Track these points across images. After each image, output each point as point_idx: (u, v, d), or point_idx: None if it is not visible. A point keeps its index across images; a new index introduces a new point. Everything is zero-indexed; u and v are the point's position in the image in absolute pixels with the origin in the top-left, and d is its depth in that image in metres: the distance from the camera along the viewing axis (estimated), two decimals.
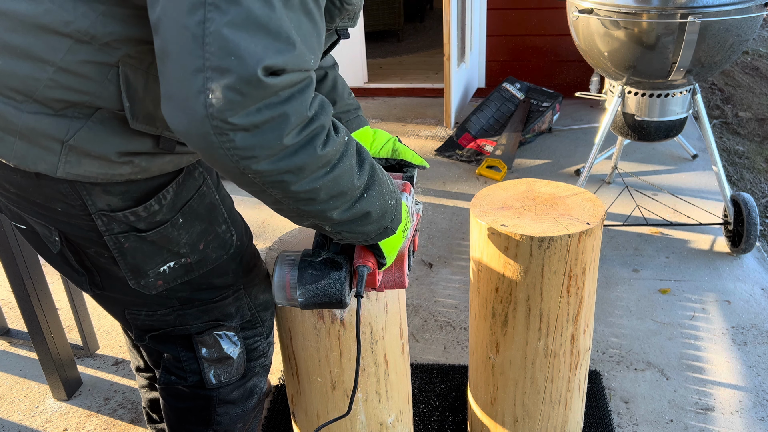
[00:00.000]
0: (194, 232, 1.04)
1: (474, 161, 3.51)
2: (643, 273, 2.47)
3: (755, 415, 1.82)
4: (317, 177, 0.82)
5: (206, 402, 1.23)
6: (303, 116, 0.77)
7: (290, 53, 0.73)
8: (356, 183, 0.88)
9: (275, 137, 0.75)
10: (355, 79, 4.70)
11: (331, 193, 0.85)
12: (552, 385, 1.46)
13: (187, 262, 1.06)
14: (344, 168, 0.85)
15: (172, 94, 0.74)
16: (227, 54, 0.70)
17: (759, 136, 3.94)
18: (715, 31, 2.09)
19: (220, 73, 0.70)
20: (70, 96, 0.87)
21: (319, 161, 0.81)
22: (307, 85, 0.77)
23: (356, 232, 0.94)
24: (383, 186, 0.94)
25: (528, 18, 4.24)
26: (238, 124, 0.72)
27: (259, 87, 0.71)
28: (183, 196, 1.02)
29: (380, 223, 0.95)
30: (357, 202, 0.90)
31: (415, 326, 2.25)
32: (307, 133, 0.78)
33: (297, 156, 0.78)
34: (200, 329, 1.15)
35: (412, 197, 1.12)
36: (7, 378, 2.10)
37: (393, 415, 1.31)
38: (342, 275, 1.00)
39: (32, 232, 1.08)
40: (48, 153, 0.90)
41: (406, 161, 1.25)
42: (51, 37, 0.83)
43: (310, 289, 1.00)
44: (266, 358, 1.27)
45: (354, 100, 1.33)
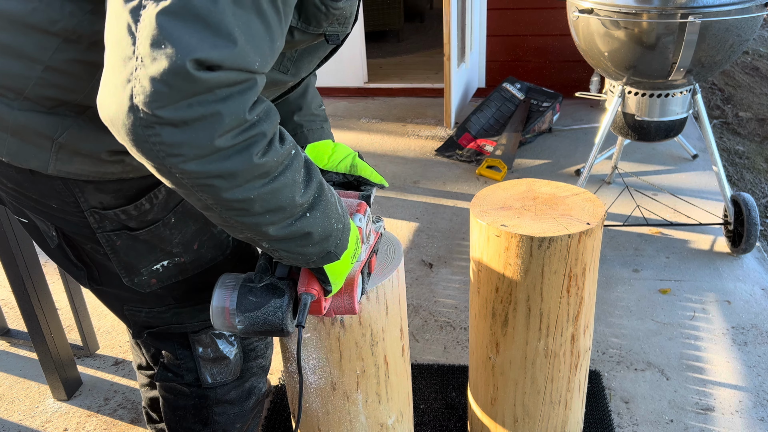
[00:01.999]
0: (188, 232, 1.04)
1: (474, 161, 3.51)
2: (643, 273, 2.47)
3: (755, 415, 1.82)
4: (253, 187, 0.76)
5: (203, 401, 1.23)
6: (240, 119, 0.71)
7: (228, 50, 0.68)
8: (298, 200, 0.83)
9: (206, 137, 0.70)
10: (355, 79, 4.70)
11: (267, 207, 0.79)
12: (552, 385, 1.46)
13: (181, 261, 1.05)
14: (285, 182, 0.80)
15: (104, 82, 0.71)
16: (157, 42, 0.66)
17: (759, 136, 3.94)
18: (715, 31, 2.09)
19: (150, 61, 0.66)
20: (60, 94, 0.87)
21: (256, 171, 0.75)
22: (249, 87, 0.72)
23: (295, 253, 0.88)
24: (330, 207, 0.89)
25: (528, 18, 4.24)
26: (164, 117, 0.68)
27: (187, 80, 0.67)
28: (176, 195, 1.01)
29: (322, 246, 0.90)
30: (298, 221, 0.84)
31: (415, 326, 2.25)
32: (245, 139, 0.73)
33: (230, 161, 0.73)
34: (196, 328, 1.15)
35: (368, 217, 1.06)
36: (7, 378, 2.10)
37: (393, 416, 1.31)
38: (284, 303, 0.94)
39: (34, 226, 1.09)
40: (39, 150, 0.90)
41: (364, 178, 1.19)
42: (39, 35, 0.84)
43: (250, 317, 0.94)
44: (264, 359, 1.26)
45: (323, 112, 1.29)
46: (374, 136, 3.96)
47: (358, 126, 4.10)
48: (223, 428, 1.27)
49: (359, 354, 1.18)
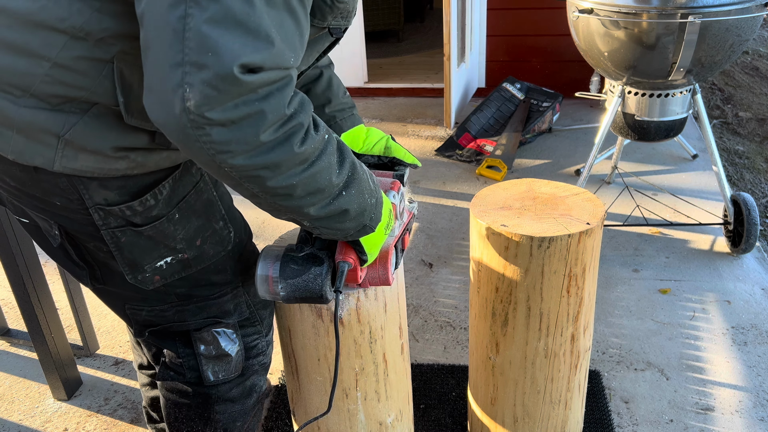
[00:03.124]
0: (191, 228, 1.05)
1: (474, 161, 3.51)
2: (643, 273, 2.47)
3: (755, 415, 1.82)
4: (294, 174, 0.82)
5: (205, 399, 1.24)
6: (281, 114, 0.77)
7: (268, 51, 0.74)
8: (335, 181, 0.89)
9: (252, 133, 0.76)
10: (355, 79, 4.70)
11: (308, 190, 0.86)
12: (552, 385, 1.46)
13: (184, 257, 1.06)
14: (322, 165, 0.86)
15: (152, 87, 0.75)
16: (205, 50, 0.71)
17: (759, 136, 3.94)
18: (715, 31, 2.09)
19: (198, 68, 0.71)
20: (67, 91, 0.88)
21: (297, 159, 0.81)
22: (286, 83, 0.78)
23: (334, 229, 0.95)
24: (363, 184, 0.95)
25: (528, 18, 4.24)
26: (214, 119, 0.73)
27: (235, 84, 0.72)
28: (179, 191, 1.02)
29: (359, 220, 0.96)
30: (335, 200, 0.90)
31: (415, 326, 2.25)
32: (285, 131, 0.79)
33: (274, 152, 0.79)
34: (199, 326, 1.15)
35: (401, 195, 1.13)
36: (7, 378, 2.10)
37: (393, 414, 1.31)
38: (323, 270, 1.01)
39: (35, 226, 1.09)
40: (45, 147, 0.90)
41: (398, 159, 1.26)
42: (47, 33, 0.84)
43: (291, 284, 1.02)
44: (265, 357, 1.27)
45: (349, 98, 1.34)
46: None
47: None
48: (224, 427, 1.27)
49: (358, 351, 1.18)
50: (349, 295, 1.12)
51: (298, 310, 1.16)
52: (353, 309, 1.13)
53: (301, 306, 1.14)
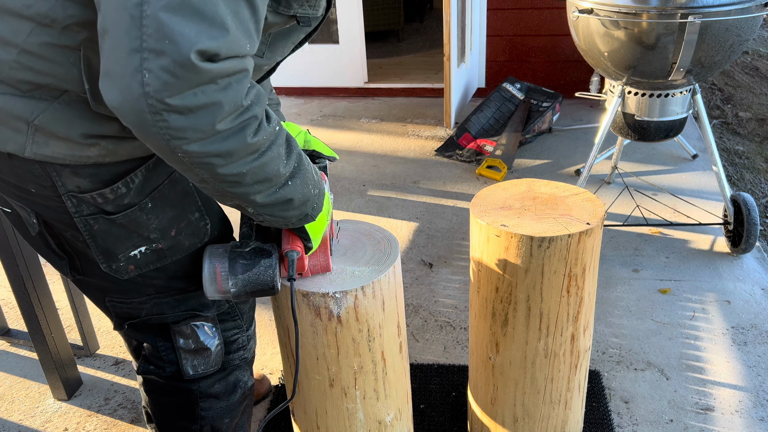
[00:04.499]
0: (165, 218, 1.05)
1: (474, 161, 3.51)
2: (643, 273, 2.47)
3: (755, 415, 1.82)
4: (245, 162, 0.85)
5: (187, 395, 1.24)
6: (238, 105, 0.80)
7: (223, 38, 0.75)
8: (282, 170, 0.91)
9: (208, 122, 0.78)
10: (355, 79, 4.70)
11: (256, 179, 0.88)
12: (552, 385, 1.46)
13: (158, 247, 1.06)
14: (272, 156, 0.88)
15: (109, 71, 0.76)
16: (162, 37, 0.72)
17: (759, 136, 3.94)
18: (715, 31, 2.09)
19: (156, 54, 0.73)
20: (36, 78, 0.89)
21: (249, 148, 0.84)
22: (244, 75, 0.80)
23: (278, 216, 0.98)
24: (308, 175, 0.98)
25: (528, 18, 4.24)
26: (173, 105, 0.75)
27: (192, 70, 0.74)
28: (153, 180, 1.02)
29: (302, 209, 0.99)
30: (281, 189, 0.93)
31: (415, 326, 2.25)
32: (241, 121, 0.81)
33: (228, 141, 0.81)
34: (177, 319, 1.15)
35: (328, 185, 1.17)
36: (8, 378, 2.10)
37: (392, 413, 1.31)
38: (273, 261, 1.04)
39: (17, 216, 1.09)
40: (16, 133, 0.92)
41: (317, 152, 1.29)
42: (14, 19, 0.85)
43: (243, 278, 1.03)
44: (246, 351, 1.27)
45: (275, 96, 1.39)
46: (374, 136, 3.96)
47: (358, 126, 4.10)
48: (211, 423, 1.27)
49: (356, 350, 1.18)
50: (347, 294, 1.12)
51: (296, 309, 1.16)
52: (351, 307, 1.13)
53: (299, 305, 1.14)
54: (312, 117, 4.32)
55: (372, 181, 3.36)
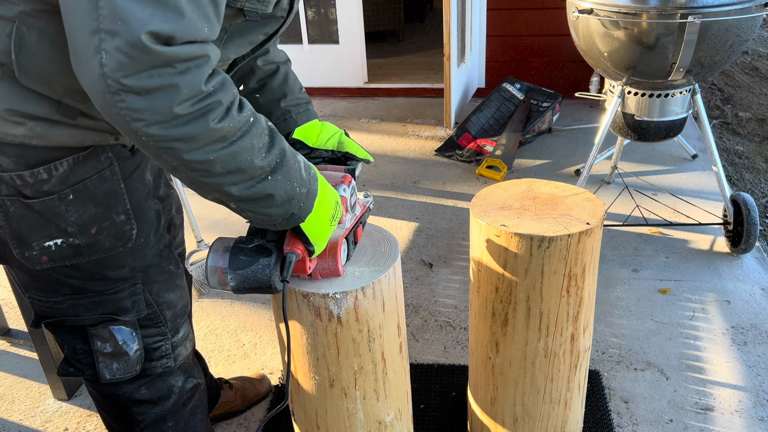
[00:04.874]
0: (86, 213, 1.04)
1: (474, 161, 3.52)
2: (643, 273, 2.47)
3: (755, 415, 1.82)
4: (212, 150, 0.85)
5: (115, 399, 1.23)
6: (197, 90, 0.80)
7: (177, 22, 0.76)
8: (258, 163, 0.90)
9: (165, 105, 0.78)
10: (355, 80, 4.70)
11: (227, 168, 0.87)
12: (552, 384, 1.46)
13: (75, 243, 1.05)
14: (243, 146, 0.88)
15: (76, 51, 0.78)
16: (116, 18, 0.74)
17: (759, 136, 3.94)
18: (715, 31, 2.09)
19: (111, 35, 0.74)
20: None
21: (213, 134, 0.83)
22: (205, 61, 0.81)
23: (261, 213, 0.96)
24: (292, 173, 0.96)
25: (528, 18, 4.24)
26: (129, 85, 0.76)
27: (145, 52, 0.75)
28: (79, 173, 1.01)
29: (285, 208, 0.97)
30: (260, 182, 0.92)
31: (415, 326, 2.25)
32: (202, 107, 0.81)
33: (189, 126, 0.81)
34: (94, 321, 1.13)
35: (352, 188, 1.16)
36: (8, 378, 2.10)
37: (392, 413, 1.31)
38: (271, 261, 1.04)
39: None
40: None
41: (350, 154, 1.28)
42: None
43: (240, 274, 1.04)
44: (169, 359, 1.23)
45: (305, 95, 1.36)
46: (374, 136, 3.96)
47: (358, 126, 4.10)
48: (152, 428, 1.26)
49: (356, 350, 1.18)
50: (347, 294, 1.12)
51: (296, 309, 1.16)
52: (351, 308, 1.13)
53: (299, 305, 1.14)
54: None
55: (372, 181, 3.36)
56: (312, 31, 4.67)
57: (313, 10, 4.64)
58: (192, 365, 1.32)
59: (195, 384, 1.32)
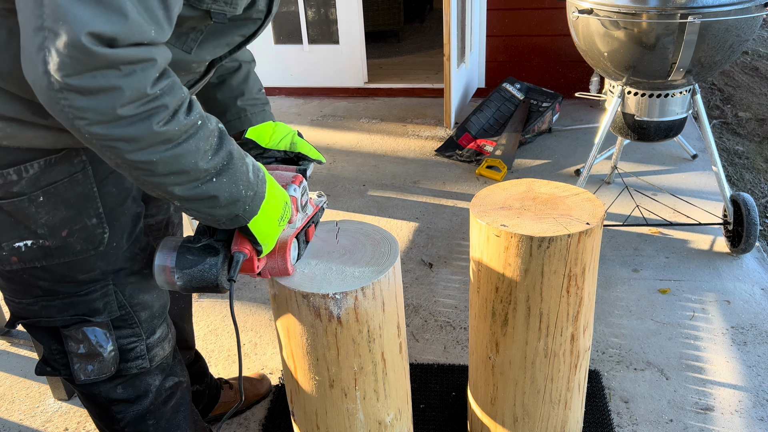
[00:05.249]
0: (57, 216, 1.03)
1: (474, 161, 3.52)
2: (643, 273, 2.47)
3: (755, 415, 1.82)
4: (156, 151, 0.85)
5: (93, 398, 1.24)
6: (141, 93, 0.80)
7: (121, 23, 0.75)
8: (203, 165, 0.90)
9: (108, 106, 0.78)
10: (355, 80, 4.70)
11: (170, 169, 0.88)
12: (552, 384, 1.46)
13: (46, 244, 1.04)
14: (188, 149, 0.88)
15: (23, 47, 0.78)
16: (58, 18, 0.73)
17: (759, 136, 3.94)
18: (715, 31, 2.09)
19: (54, 35, 0.74)
20: None
21: (157, 137, 0.83)
22: (151, 65, 0.80)
23: (204, 213, 0.97)
24: (238, 175, 0.96)
25: (528, 18, 4.24)
26: (72, 84, 0.76)
27: (86, 53, 0.74)
28: (51, 175, 1.01)
29: (230, 209, 0.97)
30: (204, 184, 0.92)
31: (415, 326, 2.25)
32: (147, 109, 0.81)
33: (132, 127, 0.81)
34: (66, 323, 1.13)
35: (303, 188, 1.16)
36: (8, 378, 2.10)
37: (392, 413, 1.31)
38: (218, 261, 1.04)
39: None
40: None
41: (303, 155, 1.29)
42: None
43: (187, 273, 1.04)
44: (144, 360, 1.22)
45: (263, 96, 1.38)
46: (374, 136, 3.96)
47: (358, 126, 4.10)
48: (132, 426, 1.27)
49: (356, 351, 1.18)
50: (346, 294, 1.12)
51: (296, 310, 1.16)
52: (351, 308, 1.13)
53: (299, 306, 1.14)
54: (312, 117, 4.32)
55: (372, 181, 3.37)
56: (312, 31, 4.67)
57: (313, 10, 4.64)
58: (174, 364, 1.32)
59: (176, 382, 1.32)
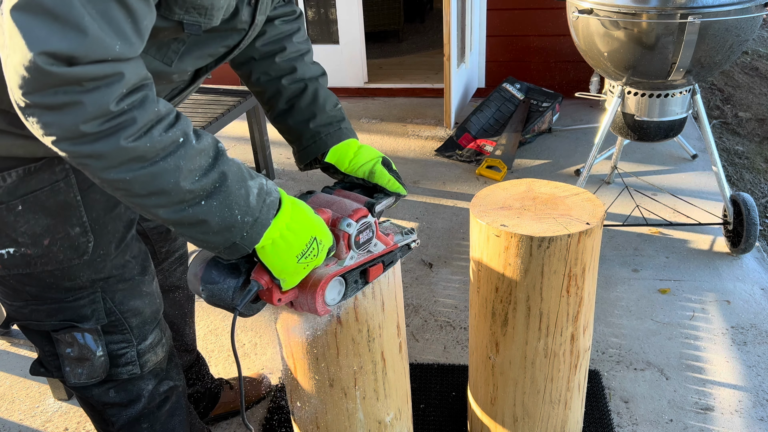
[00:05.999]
0: (38, 225, 1.03)
1: (474, 161, 3.52)
2: (643, 273, 2.47)
3: (755, 415, 1.82)
4: (129, 169, 0.81)
5: (87, 400, 1.24)
6: (104, 109, 0.77)
7: (79, 41, 0.73)
8: (186, 186, 0.84)
9: (71, 122, 0.76)
10: (355, 80, 4.70)
11: (149, 189, 0.83)
12: (552, 384, 1.46)
13: (27, 252, 1.04)
14: (167, 167, 0.82)
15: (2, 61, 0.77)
16: (12, 35, 0.72)
17: (759, 136, 3.94)
18: (715, 31, 2.09)
19: (13, 52, 0.73)
20: None
21: (126, 154, 0.80)
22: (116, 80, 0.77)
23: (198, 239, 0.91)
24: (233, 199, 0.89)
25: (528, 18, 4.24)
26: (34, 101, 0.75)
27: (41, 73, 0.72)
28: (30, 184, 1.00)
29: (224, 236, 0.90)
30: (191, 207, 0.86)
31: (415, 326, 2.25)
32: (112, 126, 0.78)
33: (98, 144, 0.78)
34: (55, 327, 1.13)
35: (362, 224, 1.06)
36: (8, 378, 2.10)
37: (392, 413, 1.32)
38: (237, 284, 1.00)
39: None
40: None
41: (380, 187, 1.20)
42: None
43: (209, 289, 1.01)
44: (135, 366, 1.21)
45: (339, 111, 1.28)
46: (374, 136, 3.96)
47: (358, 126, 4.10)
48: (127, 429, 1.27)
49: (356, 350, 1.18)
50: None
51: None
52: (351, 308, 1.13)
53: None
54: None
55: None
56: (312, 31, 4.67)
57: (313, 10, 4.64)
58: (170, 368, 1.31)
59: (171, 386, 1.31)
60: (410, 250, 1.19)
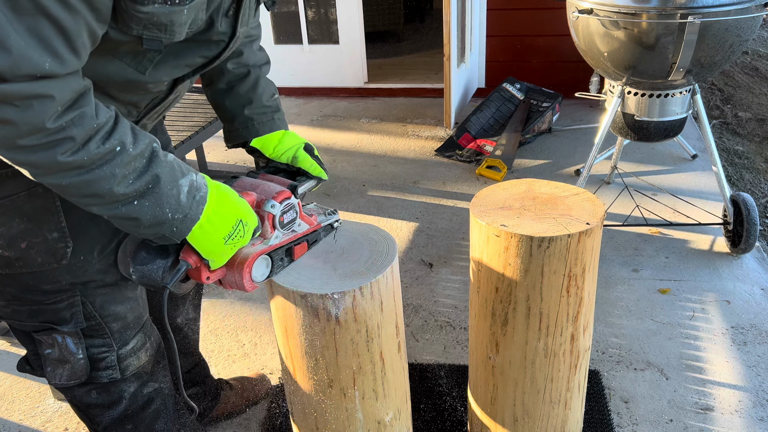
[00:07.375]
0: (13, 228, 1.03)
1: (474, 161, 3.51)
2: (643, 273, 2.47)
3: (755, 415, 1.82)
4: (65, 176, 0.84)
5: (71, 400, 1.25)
6: (39, 127, 0.78)
7: (3, 58, 0.73)
8: (119, 191, 0.89)
9: (6, 137, 0.78)
10: (355, 80, 4.70)
11: (83, 193, 0.87)
12: (552, 384, 1.46)
13: (5, 254, 1.05)
14: (101, 175, 0.86)
15: None
16: None
17: (759, 136, 3.94)
18: (715, 31, 2.09)
19: None
20: None
21: (62, 166, 0.83)
22: (50, 99, 0.78)
23: (130, 230, 0.97)
24: (165, 199, 0.94)
25: (528, 18, 4.24)
26: None
27: None
28: (7, 188, 1.00)
29: (155, 230, 0.96)
30: (124, 206, 0.91)
31: (415, 326, 2.25)
32: (48, 141, 0.80)
33: (35, 155, 0.81)
34: (36, 328, 1.14)
35: (285, 205, 1.12)
36: (8, 378, 2.10)
37: (391, 413, 1.31)
38: (166, 264, 1.04)
39: None
40: None
41: (303, 170, 1.26)
42: None
43: (139, 270, 1.05)
44: (115, 371, 1.22)
45: (275, 102, 1.32)
46: (374, 136, 3.96)
47: (358, 126, 4.10)
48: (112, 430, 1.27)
49: (355, 350, 1.18)
50: (345, 294, 1.12)
51: (294, 310, 1.16)
52: (350, 308, 1.13)
53: (297, 306, 1.14)
54: (312, 117, 4.32)
55: (372, 181, 3.37)
56: (312, 31, 4.67)
57: (313, 10, 4.64)
58: (156, 370, 1.31)
59: (155, 389, 1.31)
60: (334, 229, 1.26)
